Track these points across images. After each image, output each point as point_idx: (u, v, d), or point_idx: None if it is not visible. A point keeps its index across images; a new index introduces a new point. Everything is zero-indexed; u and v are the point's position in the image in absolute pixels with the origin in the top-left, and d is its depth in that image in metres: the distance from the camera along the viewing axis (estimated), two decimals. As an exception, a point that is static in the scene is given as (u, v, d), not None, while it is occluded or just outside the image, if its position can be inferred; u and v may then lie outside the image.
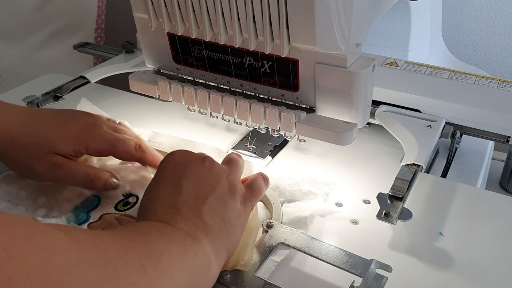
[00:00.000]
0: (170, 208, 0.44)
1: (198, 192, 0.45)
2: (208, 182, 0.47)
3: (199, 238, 0.42)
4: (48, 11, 1.05)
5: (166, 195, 0.45)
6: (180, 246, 0.40)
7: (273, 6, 0.47)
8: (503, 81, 0.67)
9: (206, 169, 0.48)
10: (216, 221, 0.44)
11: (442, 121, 0.63)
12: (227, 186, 0.47)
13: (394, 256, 0.49)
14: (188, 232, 0.42)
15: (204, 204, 0.44)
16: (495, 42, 1.19)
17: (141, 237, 0.38)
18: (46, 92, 0.72)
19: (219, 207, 0.45)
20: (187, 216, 0.43)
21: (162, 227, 0.41)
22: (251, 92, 0.57)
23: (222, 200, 0.46)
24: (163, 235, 0.40)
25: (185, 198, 0.45)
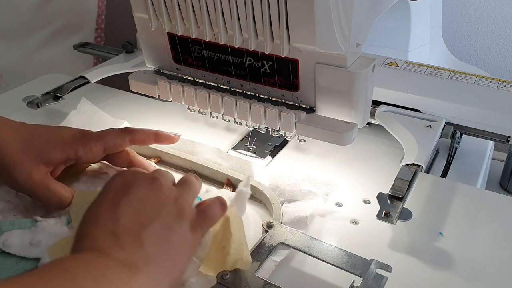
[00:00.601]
0: (108, 234, 0.40)
1: (140, 217, 0.41)
2: (152, 205, 0.42)
3: (137, 269, 0.38)
4: (48, 11, 1.05)
5: (105, 219, 0.41)
6: (113, 282, 0.36)
7: (273, 6, 0.47)
8: (503, 81, 0.67)
9: (152, 192, 0.43)
10: (159, 250, 0.40)
11: (442, 121, 0.63)
12: (174, 211, 0.43)
13: (394, 256, 0.49)
14: (126, 262, 0.38)
15: (145, 230, 0.40)
16: (495, 42, 1.19)
17: (65, 281, 0.34)
18: (46, 92, 0.72)
19: (163, 234, 0.41)
20: (126, 244, 0.39)
21: (93, 262, 0.37)
22: (251, 92, 0.57)
23: (167, 226, 0.42)
24: (92, 272, 0.36)
25: (125, 223, 0.40)
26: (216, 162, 0.61)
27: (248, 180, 0.54)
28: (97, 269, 0.37)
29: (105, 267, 0.37)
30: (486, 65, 1.22)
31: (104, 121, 0.69)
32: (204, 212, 0.46)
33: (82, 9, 1.11)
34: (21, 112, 0.72)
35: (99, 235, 0.40)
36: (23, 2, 1.00)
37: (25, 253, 0.46)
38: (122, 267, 0.38)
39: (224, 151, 0.63)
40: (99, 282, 0.36)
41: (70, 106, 0.71)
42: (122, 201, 0.42)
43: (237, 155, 0.65)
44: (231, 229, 0.47)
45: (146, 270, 0.39)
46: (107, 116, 0.70)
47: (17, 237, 0.47)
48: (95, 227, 0.41)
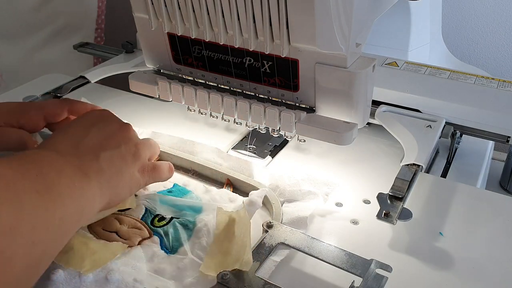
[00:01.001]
0: (71, 145, 0.47)
1: (103, 142, 0.49)
2: (117, 139, 0.50)
3: (88, 176, 0.45)
4: (48, 11, 1.05)
5: (73, 133, 0.49)
6: (69, 178, 0.42)
7: (273, 6, 0.47)
8: (503, 81, 0.67)
9: (121, 130, 0.52)
10: (110, 170, 0.47)
11: (442, 121, 0.63)
12: (132, 151, 0.51)
13: (394, 256, 0.49)
14: (79, 167, 0.45)
15: (103, 151, 0.48)
16: (495, 42, 1.19)
17: (34, 167, 0.40)
18: (46, 92, 0.72)
19: (118, 162, 0.49)
20: (83, 155, 0.46)
21: (54, 158, 0.44)
22: (251, 92, 0.57)
23: (123, 158, 0.49)
24: (53, 166, 0.42)
25: (89, 142, 0.48)
26: (216, 162, 0.61)
27: (263, 192, 0.54)
28: (57, 164, 0.43)
29: (63, 164, 0.44)
30: (486, 65, 1.22)
31: (104, 121, 0.69)
32: (155, 165, 0.54)
33: (82, 9, 1.11)
34: (21, 112, 0.72)
35: (64, 142, 0.47)
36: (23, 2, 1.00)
37: None
38: (76, 169, 0.44)
39: (224, 151, 0.63)
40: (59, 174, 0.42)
41: (70, 106, 0.71)
42: (95, 125, 0.50)
43: (237, 155, 0.65)
44: (235, 231, 0.47)
45: (95, 180, 0.45)
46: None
47: None
48: (62, 136, 0.48)
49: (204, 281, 0.45)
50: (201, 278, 0.45)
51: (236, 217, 0.49)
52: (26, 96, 0.72)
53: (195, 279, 0.45)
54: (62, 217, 0.40)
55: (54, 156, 0.44)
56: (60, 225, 0.40)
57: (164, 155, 0.63)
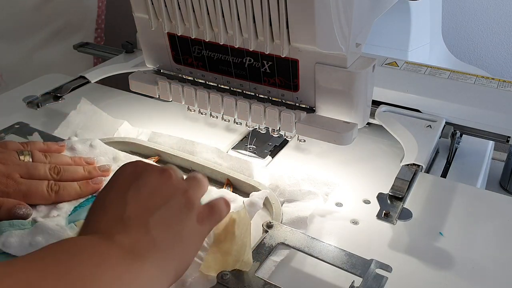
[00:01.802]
0: (114, 219, 0.39)
1: (148, 204, 0.41)
2: (161, 194, 0.42)
3: (142, 255, 0.37)
4: (48, 11, 1.05)
5: (112, 205, 0.40)
6: (113, 269, 0.35)
7: (273, 6, 0.47)
8: (503, 81, 0.67)
9: (162, 181, 0.43)
10: (167, 237, 0.39)
11: (442, 121, 0.63)
12: (183, 202, 0.42)
13: (394, 256, 0.49)
14: (130, 248, 0.37)
15: (152, 216, 0.40)
16: (495, 42, 1.19)
17: (64, 263, 0.33)
18: (46, 92, 0.72)
19: (171, 221, 0.41)
20: (131, 228, 0.38)
21: (95, 246, 0.36)
22: (251, 92, 0.57)
23: (175, 214, 0.41)
24: (93, 256, 0.35)
25: (133, 209, 0.40)
26: (216, 162, 0.61)
27: (264, 194, 0.54)
28: (96, 253, 0.35)
29: (106, 251, 0.36)
30: (486, 65, 1.22)
31: (104, 121, 0.69)
32: (211, 207, 0.45)
33: (82, 9, 1.11)
34: (21, 112, 0.72)
35: (105, 219, 0.39)
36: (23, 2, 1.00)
37: (25, 253, 0.46)
38: (125, 252, 0.37)
39: (224, 151, 0.63)
40: (98, 267, 0.34)
41: (70, 106, 0.71)
42: (131, 188, 0.41)
43: (237, 155, 0.65)
44: (235, 231, 0.47)
45: (151, 257, 0.38)
46: (107, 116, 0.70)
47: (17, 238, 0.47)
48: (101, 212, 0.40)
49: (204, 281, 0.45)
50: (201, 278, 0.45)
51: (236, 217, 0.49)
52: (26, 96, 0.72)
53: (195, 279, 0.45)
54: None
55: (96, 241, 0.37)
56: None
57: (164, 155, 0.63)
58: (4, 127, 0.69)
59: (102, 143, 0.62)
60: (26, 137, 0.66)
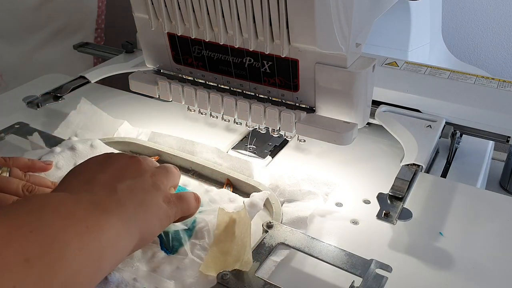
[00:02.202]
0: (83, 182, 0.42)
1: (117, 175, 0.44)
2: (130, 171, 0.45)
3: (107, 209, 0.39)
4: (48, 11, 1.05)
5: (84, 173, 0.44)
6: (80, 222, 0.36)
7: (273, 6, 0.47)
8: (503, 81, 0.67)
9: (131, 162, 0.47)
10: (132, 200, 0.42)
11: (442, 121, 0.63)
12: (150, 182, 0.45)
13: (394, 256, 0.49)
14: (96, 201, 0.39)
15: (120, 184, 0.43)
16: (495, 42, 1.19)
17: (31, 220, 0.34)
18: (46, 92, 0.72)
19: (138, 192, 0.43)
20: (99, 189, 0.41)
21: (61, 200, 0.38)
22: (251, 92, 0.57)
23: (143, 188, 0.44)
24: (59, 211, 0.37)
25: (102, 176, 0.43)
26: (216, 162, 0.61)
27: (265, 195, 0.54)
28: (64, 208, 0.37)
29: (74, 205, 0.38)
30: (486, 65, 1.22)
31: (104, 121, 0.69)
32: (180, 195, 0.48)
33: (82, 9, 1.11)
34: (21, 112, 0.72)
35: (74, 181, 0.43)
36: (23, 2, 1.00)
37: None
38: (91, 206, 0.39)
39: (224, 151, 0.63)
40: (67, 219, 0.36)
41: (70, 106, 0.71)
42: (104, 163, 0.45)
43: (237, 155, 0.65)
44: (235, 231, 0.47)
45: (116, 213, 0.39)
46: (107, 116, 0.70)
47: None
48: (72, 178, 0.44)
49: (204, 281, 0.45)
50: (201, 278, 0.45)
51: (236, 217, 0.49)
52: (26, 96, 0.72)
53: (195, 279, 0.45)
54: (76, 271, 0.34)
55: (62, 197, 0.39)
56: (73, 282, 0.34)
57: (164, 155, 0.63)
58: (4, 127, 0.69)
59: (102, 143, 0.62)
60: (26, 137, 0.66)
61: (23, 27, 1.03)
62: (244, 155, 0.65)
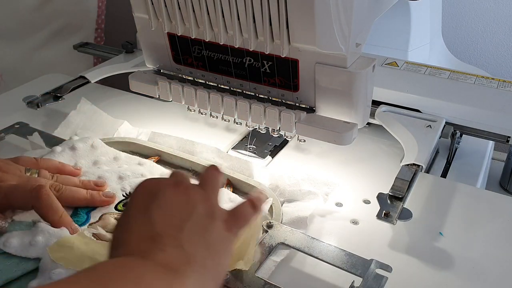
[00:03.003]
0: (144, 238, 0.38)
1: (173, 220, 0.40)
2: (183, 208, 0.41)
3: (180, 271, 0.36)
4: (48, 11, 1.05)
5: (138, 225, 0.39)
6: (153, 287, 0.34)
7: (273, 6, 0.47)
8: (503, 81, 0.67)
9: (179, 195, 0.42)
10: (199, 249, 0.39)
11: (442, 121, 0.63)
12: (205, 212, 0.42)
13: (394, 256, 0.49)
14: (167, 264, 0.36)
15: (182, 231, 0.39)
16: (495, 42, 1.19)
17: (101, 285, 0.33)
18: (46, 92, 0.72)
19: (200, 234, 0.40)
20: (165, 245, 0.38)
21: (130, 265, 0.35)
22: (251, 92, 0.57)
23: (202, 226, 0.40)
24: (129, 276, 0.34)
25: (160, 226, 0.39)
26: (216, 162, 0.61)
27: (269, 201, 0.53)
28: (134, 272, 0.34)
29: (144, 270, 0.35)
30: (486, 65, 1.22)
31: (104, 121, 0.69)
32: (235, 212, 0.44)
33: (82, 9, 1.11)
34: (21, 112, 0.72)
35: (135, 240, 0.38)
36: (23, 2, 1.00)
37: (26, 253, 0.46)
38: (162, 269, 0.36)
39: (224, 151, 0.63)
40: (137, 286, 0.33)
41: (70, 106, 0.71)
42: (151, 207, 0.40)
43: (237, 155, 0.65)
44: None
45: (188, 271, 0.37)
46: (107, 116, 0.70)
47: (17, 238, 0.47)
48: (129, 234, 0.39)
49: (204, 281, 0.45)
50: (201, 278, 0.45)
51: None
52: (26, 96, 0.72)
53: (195, 279, 0.45)
54: None
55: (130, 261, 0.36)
56: None
57: (164, 155, 0.63)
58: (4, 127, 0.69)
59: (103, 143, 0.62)
60: (26, 137, 0.66)
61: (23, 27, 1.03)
62: (244, 155, 0.65)
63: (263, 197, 0.47)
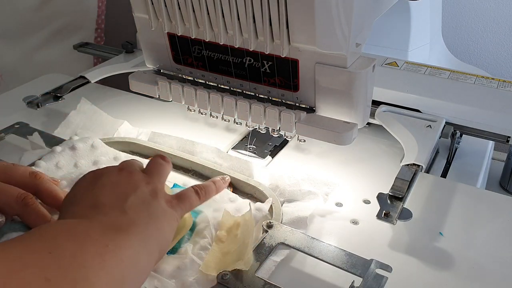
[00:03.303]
0: (88, 207, 0.41)
1: (117, 195, 0.42)
2: (125, 187, 0.44)
3: (122, 228, 0.38)
4: (48, 11, 1.05)
5: (83, 199, 0.42)
6: (98, 242, 0.36)
7: (273, 6, 0.47)
8: (503, 81, 0.67)
9: (122, 177, 0.45)
10: (142, 217, 0.41)
11: (442, 121, 0.63)
12: (147, 191, 0.44)
13: (394, 256, 0.49)
14: (110, 224, 0.39)
15: (126, 202, 0.42)
16: (495, 42, 1.19)
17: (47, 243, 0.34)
18: (46, 92, 0.73)
19: (143, 206, 0.42)
20: (108, 211, 0.40)
21: (74, 225, 0.37)
22: (251, 92, 0.57)
23: (145, 200, 0.43)
24: (75, 234, 0.36)
25: (104, 197, 0.42)
26: (216, 162, 0.61)
27: (269, 202, 0.54)
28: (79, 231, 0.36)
29: (88, 227, 0.37)
30: (486, 65, 1.22)
31: (104, 121, 0.69)
32: (179, 195, 0.47)
33: (82, 9, 1.11)
34: (21, 112, 0.72)
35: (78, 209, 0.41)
36: (23, 2, 1.00)
37: None
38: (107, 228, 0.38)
39: (224, 151, 0.63)
40: (83, 242, 0.35)
41: (70, 106, 0.71)
42: (96, 184, 0.43)
43: (237, 155, 0.65)
44: (238, 233, 0.47)
45: (132, 231, 0.39)
46: (107, 116, 0.70)
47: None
48: (74, 206, 0.42)
49: (204, 281, 0.45)
50: (201, 278, 0.45)
51: (241, 220, 0.49)
52: (26, 96, 0.72)
53: (195, 279, 0.45)
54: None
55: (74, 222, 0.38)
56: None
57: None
58: (4, 127, 0.69)
59: (103, 143, 0.62)
60: (26, 137, 0.66)
61: (23, 27, 1.03)
62: (244, 155, 0.65)
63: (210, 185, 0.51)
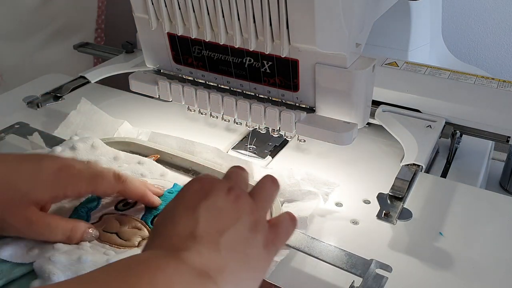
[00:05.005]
0: (185, 235, 0.38)
1: (218, 224, 0.39)
2: (229, 215, 0.40)
3: (212, 277, 0.36)
4: (48, 11, 1.05)
5: (182, 221, 0.39)
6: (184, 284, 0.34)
7: (273, 6, 0.47)
8: (503, 81, 0.67)
9: (230, 201, 0.41)
10: (236, 258, 0.38)
11: (442, 121, 0.63)
12: (249, 224, 0.40)
13: (394, 256, 0.49)
14: (200, 267, 0.36)
15: (223, 236, 0.38)
16: (495, 42, 1.19)
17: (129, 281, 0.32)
18: (46, 92, 0.72)
19: (240, 244, 0.39)
20: (203, 246, 0.37)
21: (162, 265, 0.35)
22: (251, 92, 0.57)
23: (244, 237, 0.39)
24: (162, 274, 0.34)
25: (204, 227, 0.38)
26: (216, 162, 0.61)
27: None
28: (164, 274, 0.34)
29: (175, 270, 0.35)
30: (486, 65, 1.22)
31: (104, 121, 0.69)
32: (276, 228, 0.42)
33: (82, 9, 1.11)
34: (21, 112, 0.72)
35: (175, 234, 0.38)
36: (23, 2, 1.00)
37: (21, 259, 0.46)
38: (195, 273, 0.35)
39: (224, 151, 0.63)
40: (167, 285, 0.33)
41: (70, 106, 0.71)
42: (200, 206, 0.40)
43: (237, 155, 0.65)
44: None
45: (221, 279, 0.36)
46: (107, 116, 0.70)
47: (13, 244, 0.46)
48: (171, 226, 0.39)
49: (204, 281, 0.45)
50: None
51: None
52: (26, 96, 0.72)
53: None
54: None
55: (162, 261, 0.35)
56: None
57: (164, 155, 0.63)
58: (4, 127, 0.69)
59: (103, 143, 0.62)
60: (26, 137, 0.66)
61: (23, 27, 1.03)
62: (244, 155, 0.65)
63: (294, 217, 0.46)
